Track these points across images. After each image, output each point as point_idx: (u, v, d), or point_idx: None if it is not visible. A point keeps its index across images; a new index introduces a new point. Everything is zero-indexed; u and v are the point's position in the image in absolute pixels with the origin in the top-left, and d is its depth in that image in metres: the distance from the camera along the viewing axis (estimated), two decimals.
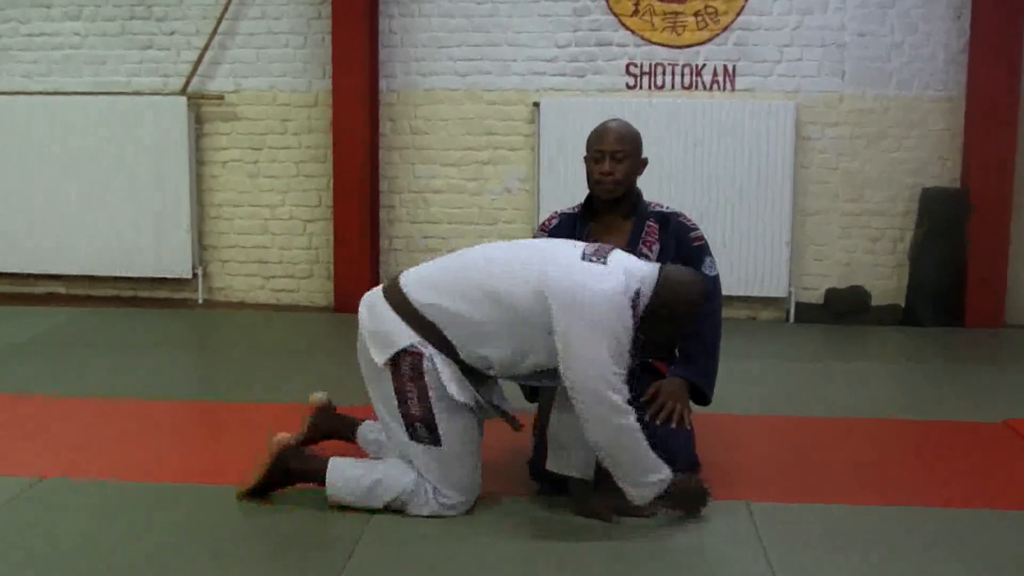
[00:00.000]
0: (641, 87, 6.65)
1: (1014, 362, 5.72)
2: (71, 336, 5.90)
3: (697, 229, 3.60)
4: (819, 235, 6.66)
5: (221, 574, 2.75)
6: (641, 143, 3.58)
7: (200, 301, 6.96)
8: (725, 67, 6.58)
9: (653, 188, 6.30)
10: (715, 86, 6.61)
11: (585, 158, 3.60)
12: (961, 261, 6.42)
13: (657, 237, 3.54)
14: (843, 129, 6.58)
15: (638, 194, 3.61)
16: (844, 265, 6.66)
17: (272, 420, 4.19)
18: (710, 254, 3.59)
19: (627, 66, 6.64)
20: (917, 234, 6.50)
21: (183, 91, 6.81)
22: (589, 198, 3.64)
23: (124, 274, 6.93)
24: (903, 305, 6.60)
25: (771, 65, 6.57)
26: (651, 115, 6.41)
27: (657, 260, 3.47)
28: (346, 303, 6.70)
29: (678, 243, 3.54)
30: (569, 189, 6.55)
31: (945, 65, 6.49)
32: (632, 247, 3.50)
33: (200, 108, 6.89)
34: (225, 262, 7.03)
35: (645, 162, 3.61)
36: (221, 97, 6.84)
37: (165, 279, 6.96)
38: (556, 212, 3.72)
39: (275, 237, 6.96)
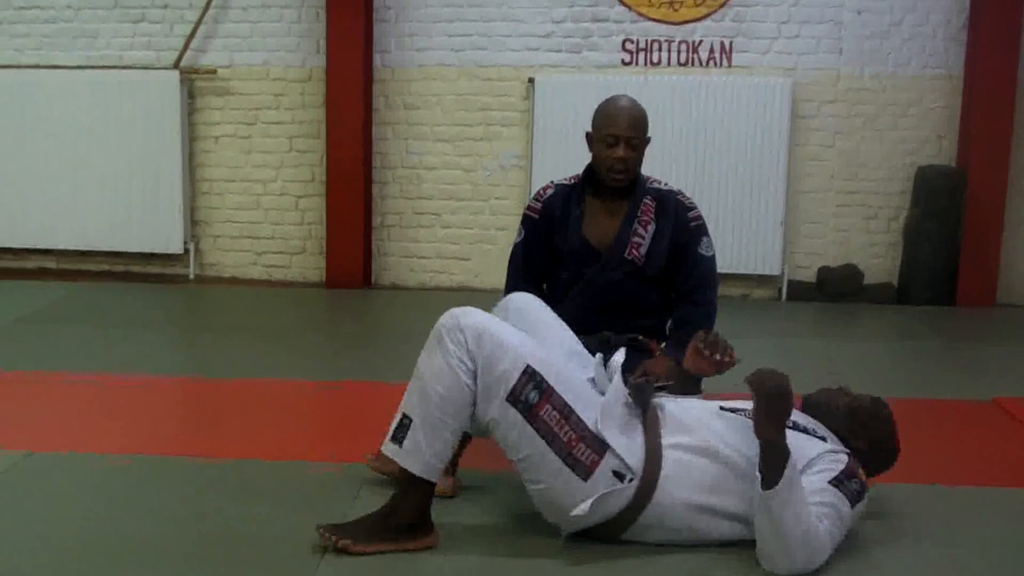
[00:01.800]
0: (637, 64, 6.61)
1: (1005, 341, 5.74)
2: (62, 311, 5.88)
3: (695, 208, 3.52)
4: (813, 213, 6.65)
5: (209, 550, 2.74)
6: (648, 124, 3.47)
7: (191, 277, 6.94)
8: (722, 44, 6.55)
9: (648, 165, 6.29)
10: (711, 63, 6.57)
11: (589, 136, 3.47)
12: (955, 240, 6.41)
13: (653, 216, 3.48)
14: (840, 107, 6.56)
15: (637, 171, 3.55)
16: (838, 244, 6.65)
17: (263, 396, 4.20)
18: (707, 234, 3.52)
19: (623, 42, 6.61)
20: (912, 213, 6.49)
21: (176, 65, 6.77)
22: (589, 171, 3.55)
23: (115, 249, 6.91)
24: (896, 284, 6.59)
25: (768, 42, 6.54)
26: (647, 92, 6.34)
27: (652, 240, 3.44)
28: (338, 279, 6.69)
29: (675, 223, 3.48)
30: (564, 166, 6.43)
31: (944, 43, 6.46)
32: (628, 226, 3.46)
33: (193, 83, 6.85)
34: (217, 237, 7.00)
35: (649, 140, 3.52)
36: (214, 72, 6.80)
37: (156, 254, 6.93)
38: (552, 182, 3.62)
39: (267, 213, 6.94)
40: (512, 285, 3.61)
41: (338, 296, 6.53)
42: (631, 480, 2.63)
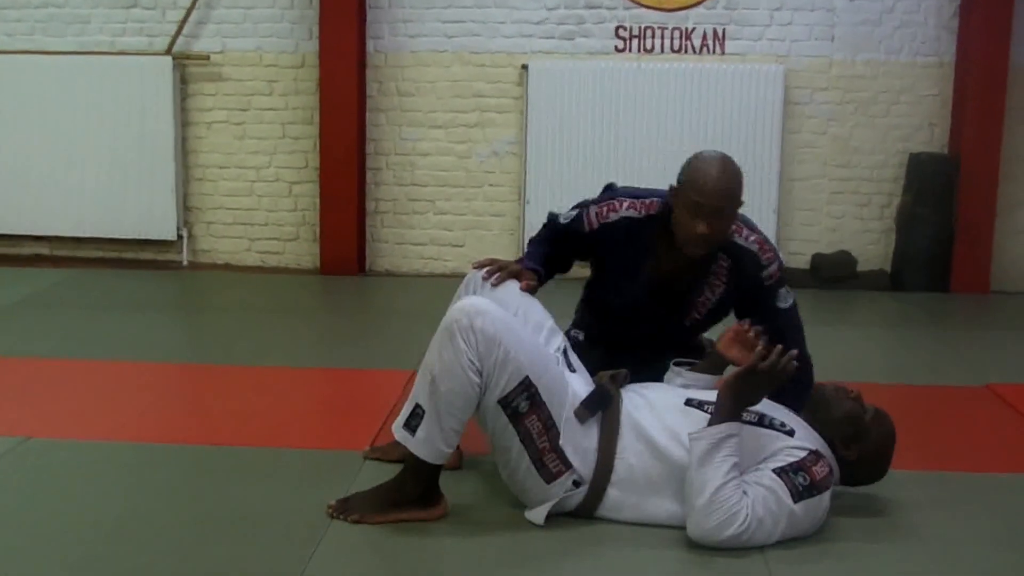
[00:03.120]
0: (630, 51, 6.60)
1: (999, 327, 5.76)
2: (57, 298, 5.87)
3: (772, 264, 3.16)
4: (807, 200, 6.66)
5: (207, 530, 2.75)
6: (742, 190, 3.10)
7: (185, 263, 6.93)
8: (715, 31, 6.55)
9: (642, 153, 6.32)
10: (704, 50, 6.57)
11: (673, 191, 3.07)
12: (948, 227, 6.43)
13: (725, 279, 3.18)
14: (832, 94, 6.56)
15: None
16: (831, 231, 6.66)
17: (257, 382, 4.21)
18: (784, 285, 3.19)
19: (616, 29, 6.60)
20: (905, 200, 6.51)
21: (168, 51, 6.74)
22: (666, 213, 3.10)
23: (109, 235, 6.88)
24: (890, 271, 6.61)
25: (761, 29, 6.54)
26: (640, 79, 6.38)
27: (718, 302, 3.22)
28: (332, 265, 6.69)
29: (749, 284, 3.16)
30: (557, 153, 6.55)
31: (936, 30, 6.48)
32: (697, 287, 3.20)
33: (185, 68, 6.82)
34: (210, 224, 6.98)
35: (742, 203, 3.12)
36: (207, 57, 6.78)
37: (150, 241, 6.91)
38: (621, 207, 3.16)
39: (261, 199, 6.92)
40: (532, 248, 3.37)
41: (332, 282, 6.53)
42: (583, 486, 2.80)
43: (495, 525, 2.82)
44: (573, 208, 3.31)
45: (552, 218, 3.38)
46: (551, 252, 3.34)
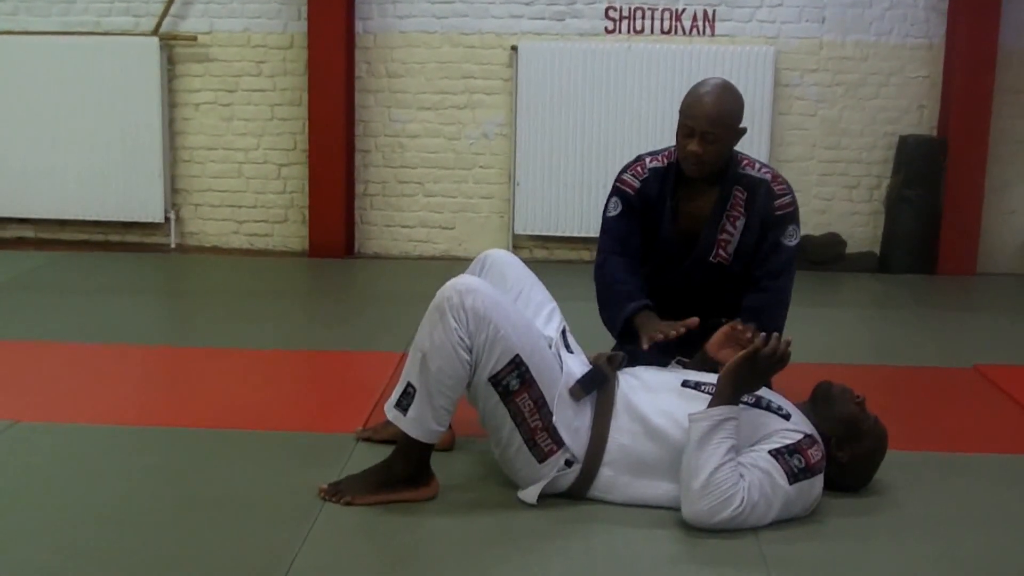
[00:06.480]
0: (620, 32, 6.58)
1: (985, 309, 5.79)
2: (42, 280, 5.84)
3: (786, 195, 3.40)
4: (796, 182, 6.58)
5: (194, 520, 2.73)
6: (739, 116, 3.33)
7: (172, 246, 6.90)
8: (705, 12, 6.53)
9: (631, 135, 6.30)
10: (695, 31, 6.56)
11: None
12: (936, 209, 6.44)
13: (743, 210, 3.37)
14: (822, 76, 6.56)
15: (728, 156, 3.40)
16: (820, 212, 6.67)
17: (245, 365, 4.20)
18: (795, 222, 3.39)
19: (606, 10, 6.57)
20: (893, 182, 6.52)
21: (155, 32, 6.69)
22: None
23: (95, 218, 6.84)
24: (878, 252, 6.63)
25: (751, 11, 6.53)
26: (630, 60, 6.36)
27: (741, 235, 3.38)
28: (320, 248, 6.67)
29: (763, 215, 3.37)
30: (547, 134, 6.54)
31: (925, 12, 6.48)
32: (715, 223, 3.38)
33: (172, 49, 6.78)
34: (198, 206, 6.95)
35: (743, 132, 3.37)
36: (194, 38, 6.73)
37: (136, 223, 6.88)
38: (646, 162, 3.47)
39: (249, 181, 6.89)
40: (605, 259, 3.50)
41: (321, 265, 6.51)
42: (576, 465, 2.80)
43: (487, 505, 2.82)
44: (610, 197, 3.50)
45: (607, 224, 3.50)
46: (635, 273, 3.45)
